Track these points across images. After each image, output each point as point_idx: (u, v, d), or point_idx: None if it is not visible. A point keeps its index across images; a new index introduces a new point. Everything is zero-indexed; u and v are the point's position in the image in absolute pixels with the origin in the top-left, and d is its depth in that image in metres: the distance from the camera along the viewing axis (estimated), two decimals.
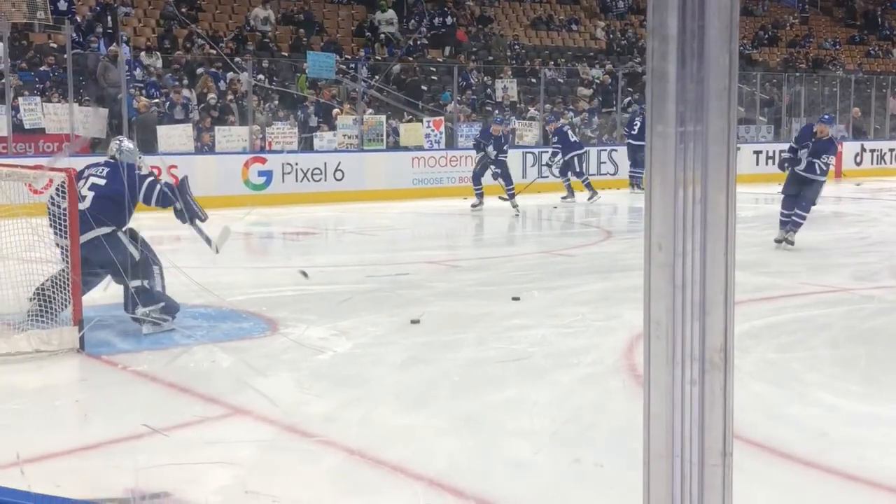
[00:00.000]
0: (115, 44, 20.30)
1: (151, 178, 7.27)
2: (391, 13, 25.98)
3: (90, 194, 6.98)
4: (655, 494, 1.60)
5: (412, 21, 27.00)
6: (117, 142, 7.47)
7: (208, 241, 7.40)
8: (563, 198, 18.62)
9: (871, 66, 33.98)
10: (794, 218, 11.64)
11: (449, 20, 27.15)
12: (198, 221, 7.37)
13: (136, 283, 6.91)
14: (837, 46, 35.12)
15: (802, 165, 11.50)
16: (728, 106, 1.48)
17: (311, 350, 6.69)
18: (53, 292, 6.72)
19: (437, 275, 10.00)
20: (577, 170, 18.59)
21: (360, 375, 6.16)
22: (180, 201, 7.17)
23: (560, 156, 18.54)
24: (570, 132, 18.98)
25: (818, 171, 11.48)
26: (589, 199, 18.29)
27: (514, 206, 16.67)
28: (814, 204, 11.78)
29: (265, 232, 14.08)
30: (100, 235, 6.86)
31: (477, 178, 17.19)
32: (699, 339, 1.52)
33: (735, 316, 1.57)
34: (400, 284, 9.29)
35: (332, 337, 7.08)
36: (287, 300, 8.43)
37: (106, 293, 7.27)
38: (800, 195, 11.62)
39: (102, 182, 7.07)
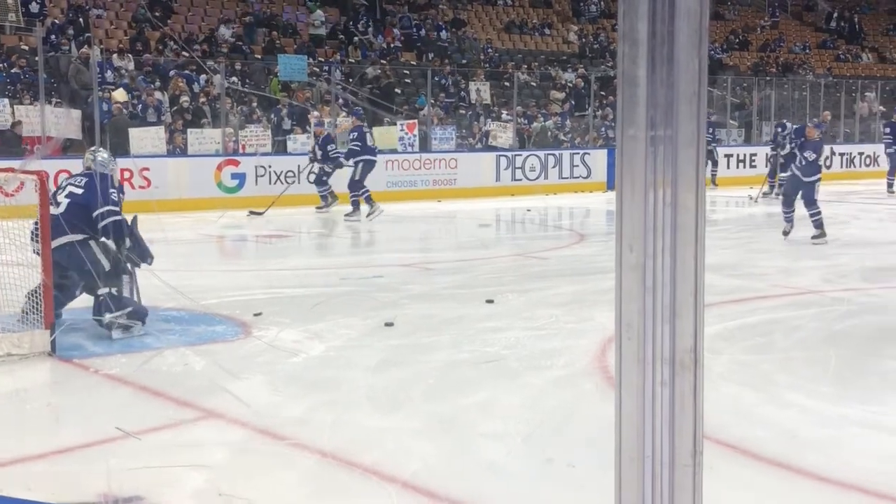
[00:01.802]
0: (86, 46, 20.18)
1: (115, 209, 7.11)
2: (319, 13, 25.78)
3: (65, 201, 7.00)
4: (627, 494, 1.61)
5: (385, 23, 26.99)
6: (91, 153, 7.51)
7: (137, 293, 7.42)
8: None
9: (840, 70, 34.28)
10: (811, 219, 12.78)
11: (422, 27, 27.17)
12: (143, 266, 7.35)
13: (104, 290, 6.89)
14: (807, 51, 35.41)
15: (799, 163, 12.80)
16: (698, 110, 1.50)
17: (284, 353, 6.68)
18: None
19: (411, 277, 10.00)
20: (357, 178, 15.94)
21: (333, 378, 6.15)
22: (131, 240, 7.14)
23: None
24: (369, 135, 16.59)
25: (807, 171, 12.71)
26: (369, 215, 15.82)
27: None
28: (815, 199, 12.81)
29: (238, 235, 14.03)
30: (73, 242, 6.84)
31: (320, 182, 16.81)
32: (670, 341, 1.54)
33: (707, 318, 1.59)
34: (374, 287, 9.28)
35: (305, 340, 7.07)
36: (260, 303, 8.40)
37: (78, 297, 7.23)
38: (799, 196, 12.85)
39: (79, 191, 7.08)
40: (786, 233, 12.89)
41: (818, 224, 12.77)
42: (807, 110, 26.33)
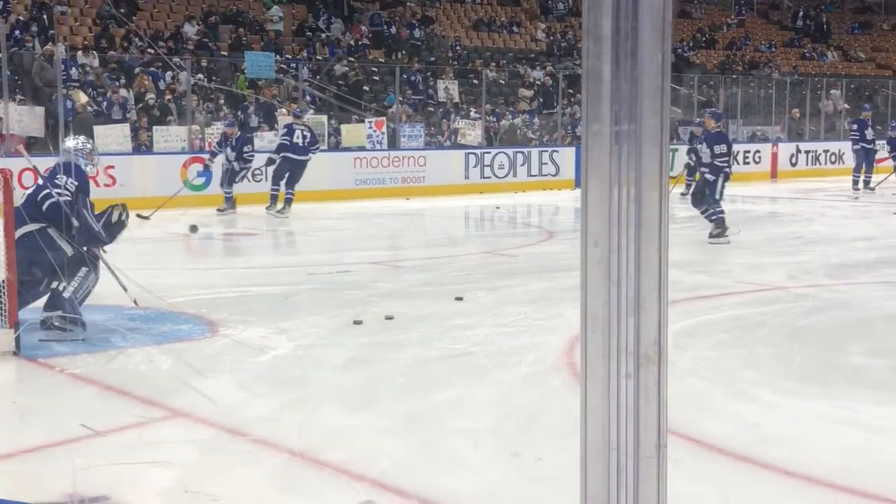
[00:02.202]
0: (50, 43, 19.99)
1: (54, 190, 6.95)
2: (276, 9, 25.66)
3: (27, 193, 6.99)
4: (593, 486, 1.63)
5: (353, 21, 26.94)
6: (62, 142, 7.52)
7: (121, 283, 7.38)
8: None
9: (805, 68, 34.58)
10: (710, 217, 12.38)
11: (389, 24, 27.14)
12: (100, 249, 7.28)
13: (55, 284, 6.83)
14: (773, 49, 35.69)
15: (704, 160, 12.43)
16: (661, 105, 1.51)
17: (251, 351, 6.66)
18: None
19: (379, 275, 9.99)
20: (277, 173, 16.02)
21: (301, 376, 6.14)
22: (79, 221, 6.97)
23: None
24: (299, 132, 16.14)
25: (710, 167, 12.29)
26: (280, 211, 15.92)
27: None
28: (718, 197, 12.36)
29: (205, 233, 13.95)
30: (32, 231, 6.79)
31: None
32: (634, 334, 1.55)
33: (672, 314, 1.60)
34: (342, 285, 9.26)
35: (273, 337, 7.05)
36: (228, 301, 8.37)
37: (43, 295, 7.17)
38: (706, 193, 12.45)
39: (40, 181, 7.04)
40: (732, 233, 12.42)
41: (719, 223, 12.29)
42: (773, 108, 26.56)
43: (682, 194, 18.28)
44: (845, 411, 5.52)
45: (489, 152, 21.17)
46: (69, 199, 6.91)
